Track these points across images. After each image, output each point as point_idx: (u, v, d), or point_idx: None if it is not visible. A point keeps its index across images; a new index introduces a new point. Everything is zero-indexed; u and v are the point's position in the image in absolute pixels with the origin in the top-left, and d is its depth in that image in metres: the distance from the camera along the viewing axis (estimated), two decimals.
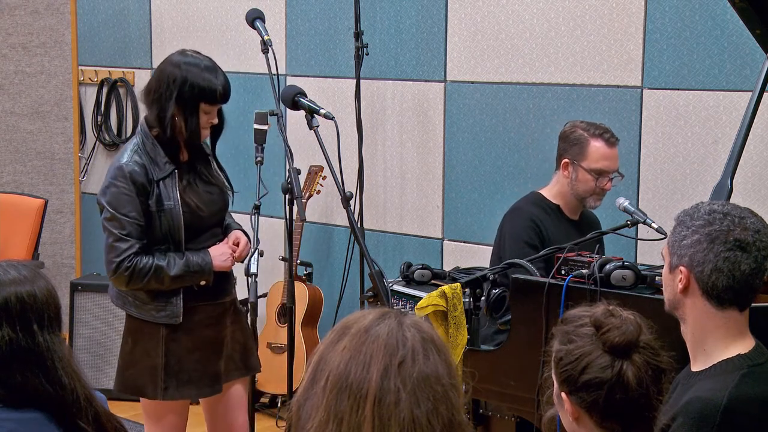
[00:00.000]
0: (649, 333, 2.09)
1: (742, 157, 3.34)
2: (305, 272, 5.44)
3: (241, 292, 3.81)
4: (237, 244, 3.67)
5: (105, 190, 3.51)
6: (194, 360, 3.58)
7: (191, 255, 3.53)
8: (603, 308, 2.12)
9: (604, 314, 2.09)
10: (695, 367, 2.39)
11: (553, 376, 2.14)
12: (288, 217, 3.95)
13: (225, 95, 3.55)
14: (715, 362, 2.34)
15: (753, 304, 2.41)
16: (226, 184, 3.74)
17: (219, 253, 3.58)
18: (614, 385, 2.03)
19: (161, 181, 3.50)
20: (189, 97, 3.48)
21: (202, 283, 3.56)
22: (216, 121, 3.58)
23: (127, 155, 3.50)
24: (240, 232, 3.73)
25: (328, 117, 3.58)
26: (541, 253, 3.58)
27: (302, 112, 3.68)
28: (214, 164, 3.74)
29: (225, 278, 3.68)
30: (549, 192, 4.03)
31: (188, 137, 3.53)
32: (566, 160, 3.94)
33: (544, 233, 3.89)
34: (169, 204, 3.50)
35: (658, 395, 2.07)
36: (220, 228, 3.73)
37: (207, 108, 3.52)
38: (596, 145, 3.90)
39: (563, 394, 2.09)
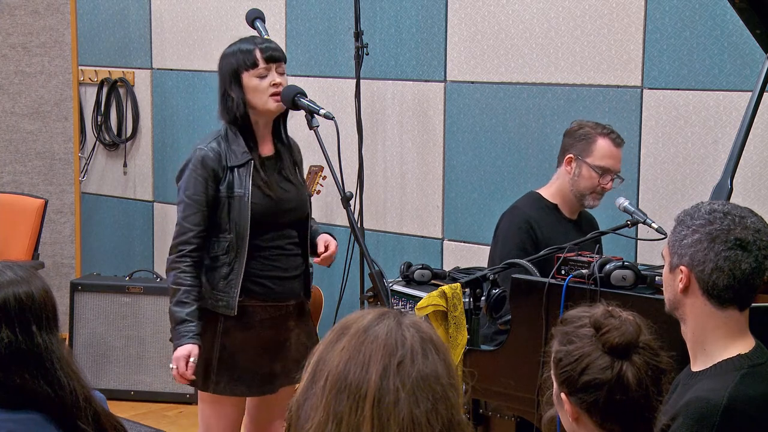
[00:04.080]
0: (648, 333, 2.09)
1: (742, 157, 3.34)
2: None
3: None
4: (327, 247, 3.62)
5: (180, 174, 3.55)
6: (248, 359, 3.54)
7: (193, 323, 3.44)
8: (602, 309, 2.11)
9: (604, 315, 2.09)
10: (695, 367, 2.39)
11: (553, 377, 2.14)
12: None
13: (267, 53, 3.52)
14: (716, 362, 2.34)
15: (753, 304, 2.41)
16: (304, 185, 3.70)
17: (179, 355, 3.42)
18: (614, 386, 2.03)
19: (235, 169, 3.50)
20: (230, 70, 3.52)
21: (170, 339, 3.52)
22: (278, 80, 3.51)
23: (206, 141, 3.54)
24: (329, 238, 3.66)
25: (328, 117, 3.58)
26: (542, 253, 3.58)
27: (302, 112, 3.68)
28: (297, 167, 3.70)
29: (289, 281, 3.61)
30: (547, 191, 4.03)
31: (242, 111, 3.51)
32: (570, 155, 3.94)
33: (539, 235, 3.88)
34: (239, 192, 3.49)
35: (658, 396, 2.07)
36: (297, 231, 3.63)
37: (254, 73, 3.51)
38: (603, 143, 3.91)
39: (563, 395, 2.09)
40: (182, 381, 3.50)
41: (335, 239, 3.70)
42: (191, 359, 3.43)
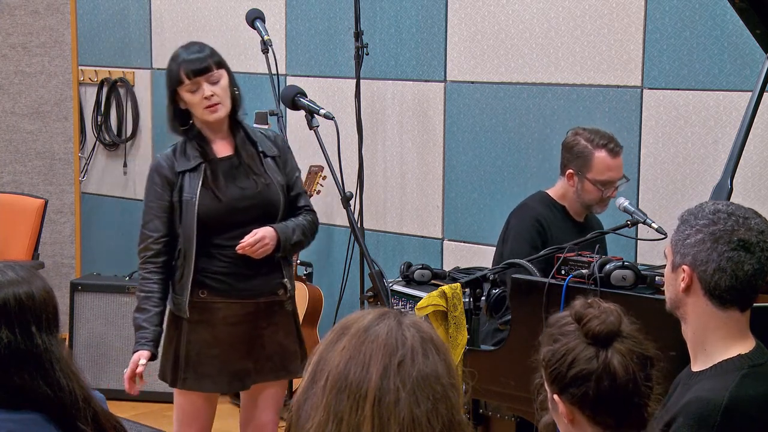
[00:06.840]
0: (630, 324, 2.09)
1: (742, 157, 3.34)
2: (305, 272, 5.44)
3: None
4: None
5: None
6: (214, 355, 3.58)
7: (148, 329, 3.54)
8: (582, 301, 2.12)
9: (583, 306, 2.10)
10: (696, 367, 2.39)
11: (545, 380, 2.14)
12: None
13: (188, 69, 3.52)
14: (716, 362, 2.34)
15: (754, 304, 2.41)
16: (276, 178, 3.61)
17: (131, 361, 3.51)
18: (601, 374, 2.03)
19: (186, 174, 3.54)
20: (167, 87, 3.59)
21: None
22: (208, 93, 3.51)
23: (165, 149, 3.64)
24: (265, 229, 3.53)
25: (328, 117, 3.58)
26: (541, 253, 3.58)
27: (302, 112, 3.68)
28: (270, 160, 3.63)
29: (257, 278, 3.59)
30: (555, 193, 4.01)
31: (181, 123, 3.60)
32: (571, 171, 3.91)
33: (548, 233, 3.87)
34: (187, 196, 3.52)
35: (647, 381, 2.06)
36: (268, 225, 3.56)
37: (184, 88, 3.54)
38: (600, 157, 3.86)
39: (555, 396, 2.09)
40: (128, 387, 3.55)
41: (278, 234, 3.54)
42: (141, 361, 3.50)
